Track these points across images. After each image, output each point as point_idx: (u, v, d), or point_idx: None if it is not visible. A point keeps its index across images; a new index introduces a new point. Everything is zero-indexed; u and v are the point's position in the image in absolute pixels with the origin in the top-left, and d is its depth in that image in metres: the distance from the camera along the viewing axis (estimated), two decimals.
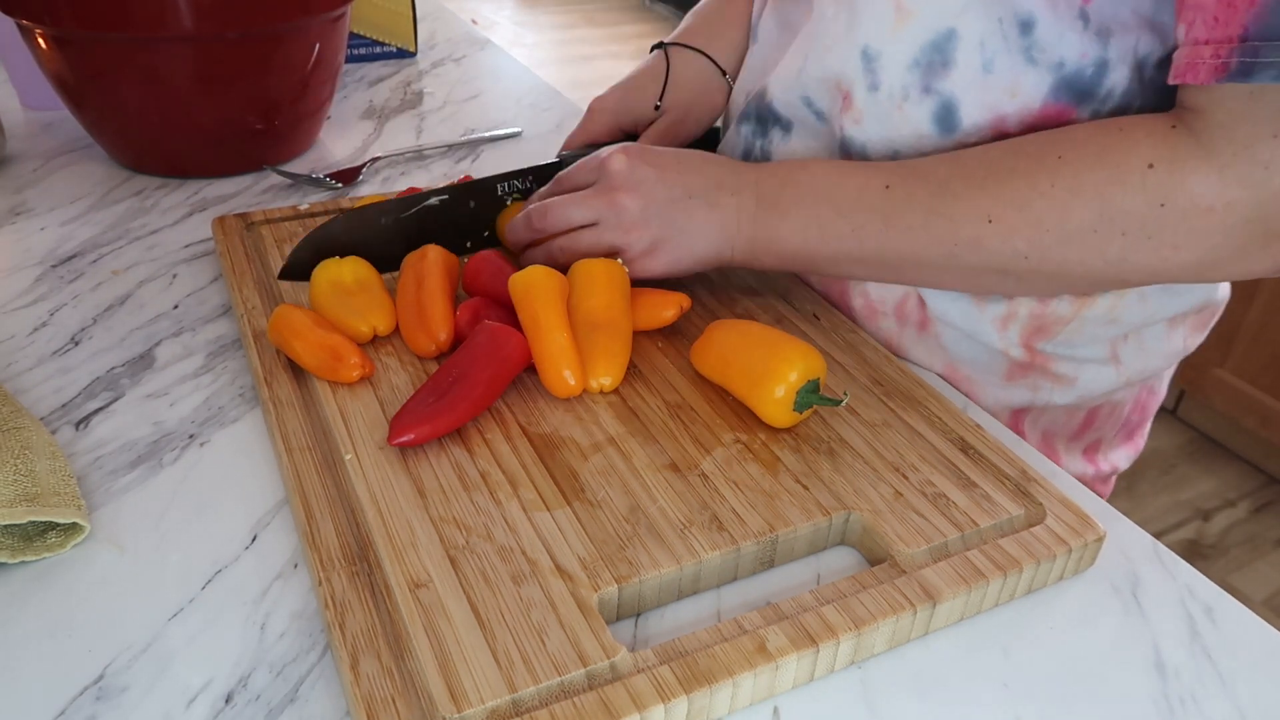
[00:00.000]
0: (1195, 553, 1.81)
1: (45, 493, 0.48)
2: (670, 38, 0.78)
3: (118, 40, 0.82)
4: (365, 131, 1.02)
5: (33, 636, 0.44)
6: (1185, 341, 0.69)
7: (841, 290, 0.69)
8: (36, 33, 0.80)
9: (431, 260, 0.63)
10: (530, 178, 0.72)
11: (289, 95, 0.89)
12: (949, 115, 0.59)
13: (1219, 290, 0.68)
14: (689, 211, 0.61)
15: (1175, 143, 0.50)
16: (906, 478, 0.52)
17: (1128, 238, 0.52)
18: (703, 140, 0.79)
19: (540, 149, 0.99)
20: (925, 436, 0.55)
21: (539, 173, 0.72)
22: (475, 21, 4.45)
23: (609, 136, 0.74)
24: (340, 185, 0.88)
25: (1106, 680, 0.45)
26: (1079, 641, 0.47)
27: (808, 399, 0.54)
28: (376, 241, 0.67)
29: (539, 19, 4.65)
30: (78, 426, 0.57)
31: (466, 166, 0.94)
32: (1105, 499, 0.75)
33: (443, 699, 0.39)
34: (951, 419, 0.57)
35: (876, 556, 0.49)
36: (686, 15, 0.80)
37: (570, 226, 0.62)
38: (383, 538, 0.46)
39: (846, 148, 0.64)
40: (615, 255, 0.61)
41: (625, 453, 0.53)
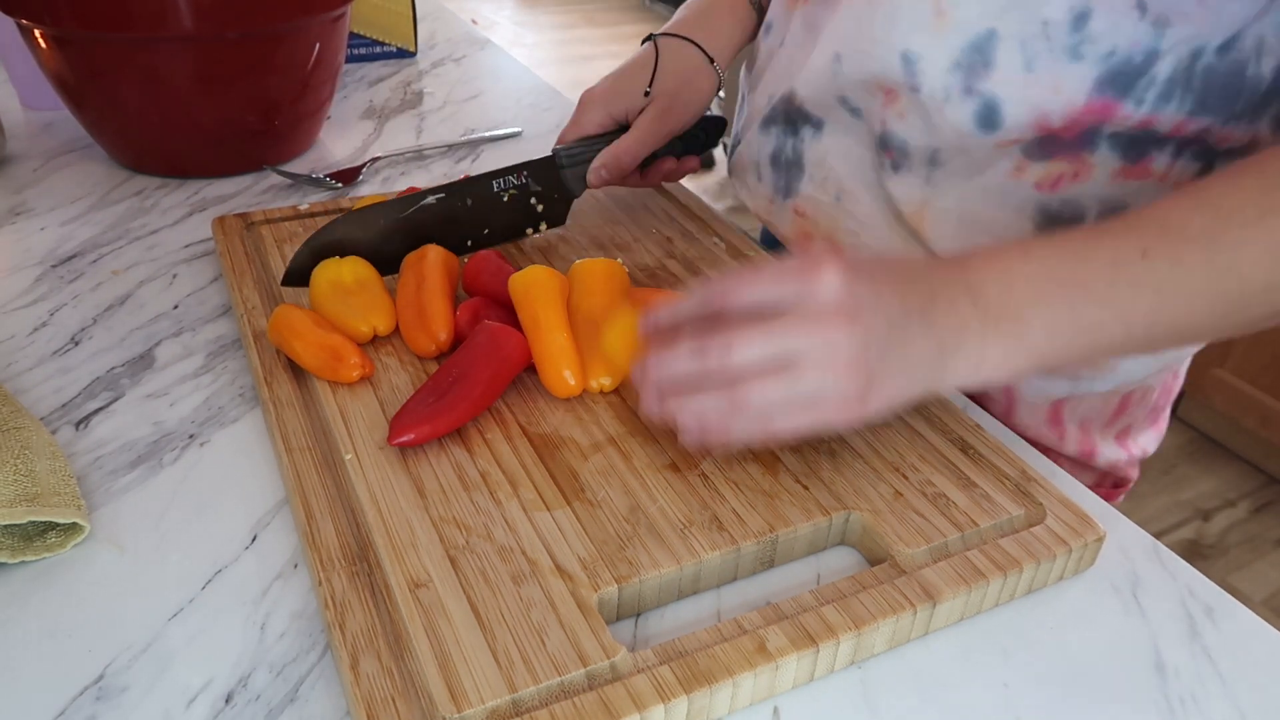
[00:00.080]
0: (1195, 553, 1.81)
1: (45, 493, 0.48)
2: (661, 30, 0.79)
3: (118, 40, 0.82)
4: (365, 131, 1.02)
5: (33, 636, 0.44)
6: None
7: None
8: (36, 33, 0.80)
9: (431, 260, 0.63)
10: (525, 173, 0.72)
11: (289, 95, 0.89)
12: (991, 114, 0.59)
13: None
14: (908, 342, 0.45)
15: None
16: (906, 478, 0.52)
17: None
18: (706, 129, 0.79)
19: (540, 149, 0.98)
20: (925, 436, 0.55)
21: (533, 167, 0.73)
22: (475, 21, 4.45)
23: (601, 128, 0.75)
24: (340, 185, 0.88)
25: (1106, 680, 0.45)
26: (1079, 641, 0.47)
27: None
28: (377, 243, 0.67)
29: (539, 19, 4.65)
30: (78, 426, 0.57)
31: (466, 166, 0.94)
32: (1134, 481, 0.77)
33: (443, 699, 0.39)
34: (951, 419, 0.57)
35: (876, 556, 0.49)
36: (678, 9, 0.81)
37: (757, 366, 0.44)
38: (383, 538, 0.46)
39: (887, 141, 0.64)
40: (812, 409, 0.45)
41: (625, 453, 0.53)
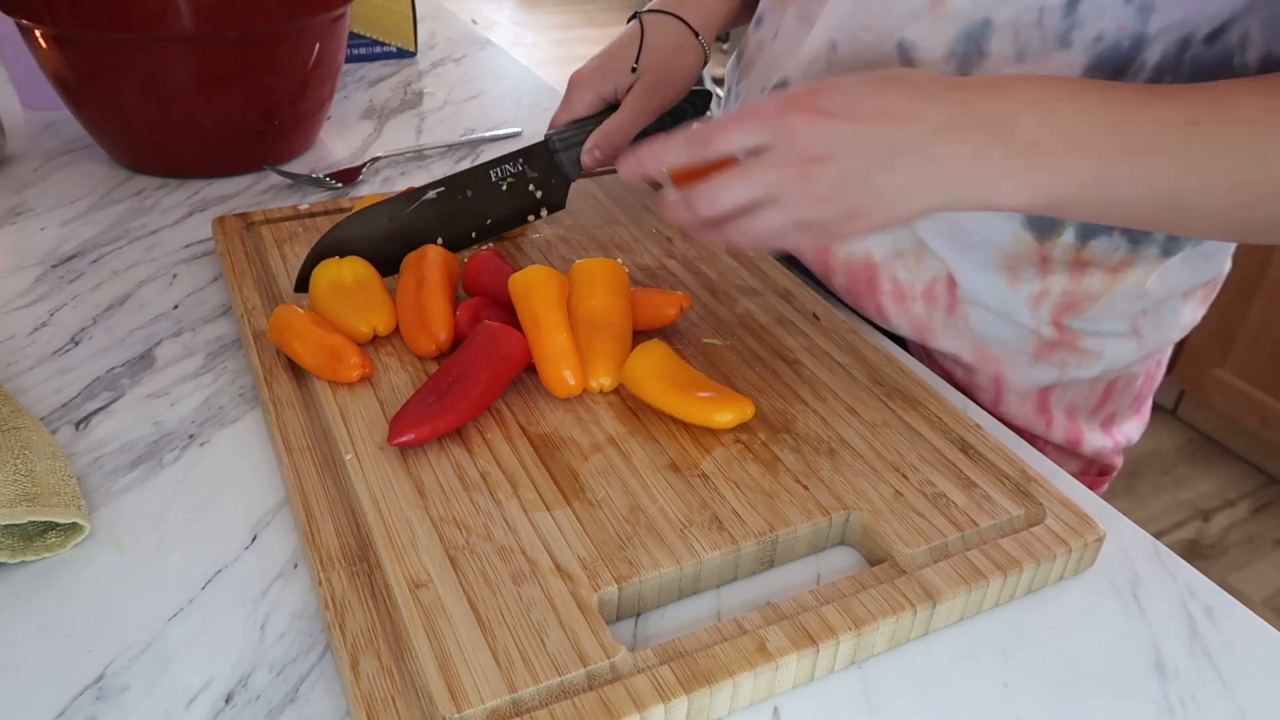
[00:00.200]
0: (1195, 553, 1.81)
1: (45, 493, 0.48)
2: (646, 8, 0.79)
3: (118, 40, 0.82)
4: (365, 131, 1.02)
5: (33, 636, 0.44)
6: (1194, 314, 0.71)
7: (870, 278, 0.69)
8: (36, 33, 0.80)
9: (431, 260, 0.63)
10: (520, 160, 0.73)
11: (289, 95, 0.89)
12: None
13: (1224, 265, 0.70)
14: (896, 173, 0.49)
15: None
16: (906, 478, 0.52)
17: None
18: (693, 102, 0.80)
19: None
20: (925, 436, 0.55)
21: (529, 154, 0.74)
22: (475, 21, 4.45)
23: (591, 109, 0.76)
24: (340, 185, 0.88)
25: (1106, 680, 0.45)
26: (1079, 641, 0.46)
27: None
28: (382, 243, 0.67)
29: (539, 19, 4.65)
30: (78, 426, 0.57)
31: (466, 166, 0.94)
32: (1118, 469, 0.77)
33: (443, 699, 0.39)
34: (951, 419, 0.57)
35: (876, 556, 0.49)
36: None
37: (745, 206, 0.51)
38: (383, 538, 0.46)
39: None
40: (808, 229, 0.52)
41: (625, 453, 0.53)
